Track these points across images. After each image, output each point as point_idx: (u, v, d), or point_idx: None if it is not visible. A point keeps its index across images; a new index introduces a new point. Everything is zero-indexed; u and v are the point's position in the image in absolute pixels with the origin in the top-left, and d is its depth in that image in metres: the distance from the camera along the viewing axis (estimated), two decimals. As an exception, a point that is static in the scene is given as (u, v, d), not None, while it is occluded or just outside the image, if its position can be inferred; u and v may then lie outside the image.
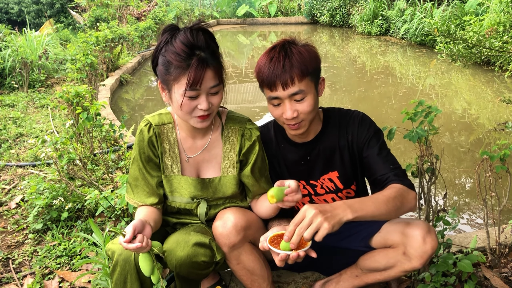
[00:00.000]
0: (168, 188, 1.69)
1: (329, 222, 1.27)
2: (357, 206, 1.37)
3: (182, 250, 1.53)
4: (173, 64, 1.44)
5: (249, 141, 1.67)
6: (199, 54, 1.44)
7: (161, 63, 1.49)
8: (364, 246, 1.72)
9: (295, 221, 1.30)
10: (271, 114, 1.64)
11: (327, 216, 1.28)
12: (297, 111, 1.56)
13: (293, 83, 1.52)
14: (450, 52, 4.30)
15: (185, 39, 1.44)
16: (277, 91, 1.54)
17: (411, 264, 1.54)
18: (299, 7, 15.59)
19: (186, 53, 1.43)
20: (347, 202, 1.37)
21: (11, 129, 4.51)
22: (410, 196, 1.54)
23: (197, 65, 1.42)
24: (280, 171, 1.79)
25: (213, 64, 1.46)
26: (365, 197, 1.48)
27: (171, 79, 1.47)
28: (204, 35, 1.48)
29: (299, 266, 1.98)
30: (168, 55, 1.45)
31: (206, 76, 1.45)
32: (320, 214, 1.28)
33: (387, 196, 1.47)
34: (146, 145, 1.65)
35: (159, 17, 10.71)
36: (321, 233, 1.26)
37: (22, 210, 2.86)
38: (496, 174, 1.81)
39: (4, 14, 15.21)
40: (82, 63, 5.11)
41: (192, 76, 1.42)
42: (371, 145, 1.65)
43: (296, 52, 1.55)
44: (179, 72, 1.44)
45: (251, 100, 6.31)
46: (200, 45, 1.45)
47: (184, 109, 1.49)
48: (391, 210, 1.46)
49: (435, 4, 9.52)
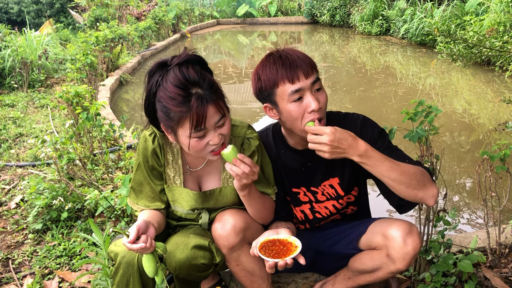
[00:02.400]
0: (170, 198, 1.68)
1: (330, 155, 1.44)
2: (373, 159, 1.45)
3: (181, 253, 1.53)
4: (172, 110, 1.38)
5: (248, 151, 1.64)
6: (196, 91, 1.37)
7: (159, 110, 1.42)
8: (352, 248, 1.72)
9: (315, 128, 1.45)
10: (291, 115, 1.53)
11: (332, 150, 1.42)
12: (319, 102, 1.51)
13: (312, 71, 1.52)
14: (450, 52, 4.29)
15: (176, 79, 1.37)
16: (299, 82, 1.49)
17: (395, 266, 1.54)
18: (299, 7, 15.58)
19: (182, 96, 1.36)
20: (368, 151, 1.45)
21: (11, 129, 4.50)
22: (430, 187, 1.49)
23: (197, 105, 1.35)
24: (280, 178, 1.77)
25: (213, 99, 1.39)
26: (389, 158, 1.47)
27: (174, 124, 1.41)
28: (195, 68, 1.41)
29: (298, 268, 1.98)
30: (165, 102, 1.38)
31: (209, 113, 1.38)
32: (328, 147, 1.42)
33: (408, 170, 1.46)
34: (150, 154, 1.63)
35: (159, 17, 10.70)
36: (318, 153, 1.46)
37: (22, 210, 2.86)
38: (496, 174, 1.81)
39: (4, 14, 15.20)
40: (82, 63, 5.11)
41: (195, 118, 1.36)
42: (378, 146, 1.59)
43: (296, 50, 1.57)
44: (180, 116, 1.37)
45: (251, 100, 6.30)
46: (194, 81, 1.38)
47: (194, 149, 1.45)
48: (401, 182, 1.44)
49: (435, 4, 9.51)
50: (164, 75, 1.40)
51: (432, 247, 1.81)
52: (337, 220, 1.86)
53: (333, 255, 1.81)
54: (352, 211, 1.83)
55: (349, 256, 1.75)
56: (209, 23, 15.26)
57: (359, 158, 1.44)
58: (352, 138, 1.43)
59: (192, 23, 14.60)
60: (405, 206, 1.61)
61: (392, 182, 1.45)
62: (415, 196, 1.48)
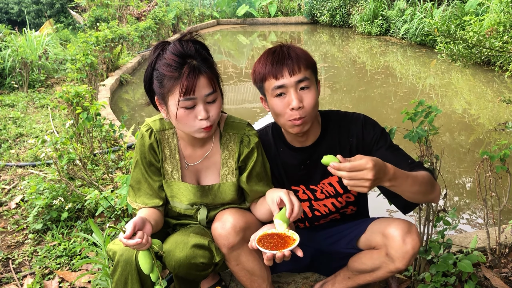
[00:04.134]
0: (169, 193, 1.69)
1: (368, 189, 1.27)
2: (399, 180, 1.33)
3: (181, 252, 1.53)
4: (166, 75, 1.43)
5: (247, 148, 1.65)
6: (191, 62, 1.43)
7: (155, 78, 1.48)
8: (352, 247, 1.73)
9: (354, 165, 1.24)
10: (273, 109, 1.58)
11: (373, 183, 1.26)
12: (302, 102, 1.52)
13: (299, 69, 1.52)
14: (450, 52, 4.30)
15: (175, 49, 1.44)
16: (283, 78, 1.52)
17: (395, 265, 1.54)
18: (299, 7, 15.59)
19: (177, 63, 1.42)
20: (396, 173, 1.32)
21: (11, 129, 4.51)
22: (437, 188, 1.53)
23: (189, 72, 1.41)
24: (279, 175, 1.77)
25: (206, 71, 1.44)
26: (407, 172, 1.40)
27: (165, 91, 1.45)
28: (195, 45, 1.47)
29: (297, 268, 1.99)
30: (161, 68, 1.45)
31: (200, 84, 1.43)
32: (370, 182, 1.24)
33: (423, 177, 1.45)
34: (147, 150, 1.64)
35: (159, 17, 10.70)
36: (356, 189, 1.27)
37: (22, 210, 2.86)
38: (496, 174, 1.81)
39: (4, 14, 15.21)
40: (82, 63, 5.11)
41: (185, 84, 1.40)
42: (380, 146, 1.61)
43: (297, 47, 1.58)
44: (172, 83, 1.43)
45: (251, 100, 6.31)
46: (191, 53, 1.44)
47: (182, 121, 1.47)
48: (421, 191, 1.43)
49: (435, 4, 9.51)
50: (166, 47, 1.47)
51: (432, 247, 1.81)
52: (336, 220, 1.86)
53: (333, 254, 1.81)
54: (351, 212, 1.83)
55: (348, 255, 1.75)
56: (209, 23, 15.26)
57: (389, 182, 1.32)
58: (383, 164, 1.31)
59: (192, 23, 14.60)
60: (411, 207, 1.63)
61: (413, 194, 1.44)
62: (427, 199, 1.52)
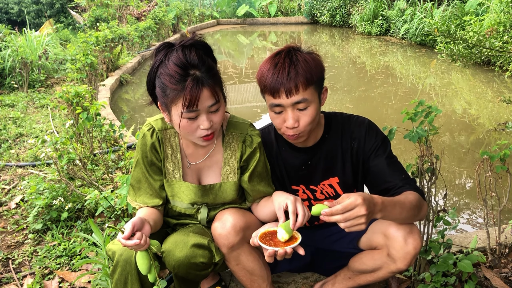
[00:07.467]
0: (170, 193, 1.69)
1: (365, 225, 1.26)
2: (388, 208, 1.35)
3: (180, 251, 1.53)
4: (169, 87, 1.41)
5: (250, 147, 1.65)
6: (194, 73, 1.40)
7: (158, 86, 1.46)
8: (352, 247, 1.73)
9: (345, 205, 1.24)
10: (273, 121, 1.60)
11: (368, 218, 1.26)
12: (298, 121, 1.52)
13: (297, 91, 1.48)
14: (450, 52, 4.30)
15: (177, 59, 1.41)
16: (280, 99, 1.50)
17: (396, 265, 1.55)
18: (299, 7, 15.58)
19: (179, 75, 1.39)
20: (384, 202, 1.34)
21: (11, 129, 4.50)
22: (424, 207, 1.56)
23: (192, 85, 1.38)
24: (280, 175, 1.77)
25: (209, 83, 1.41)
26: (394, 199, 1.42)
27: (168, 101, 1.44)
28: (198, 52, 1.44)
29: (297, 268, 1.98)
30: (163, 78, 1.42)
31: (203, 96, 1.41)
32: (365, 217, 1.25)
33: (410, 203, 1.46)
34: (148, 149, 1.64)
35: (159, 17, 10.70)
36: (354, 229, 1.26)
37: (22, 210, 2.86)
38: (496, 174, 1.81)
39: (4, 14, 15.20)
40: (82, 63, 5.10)
41: (188, 98, 1.39)
42: (379, 154, 1.62)
43: (301, 60, 1.50)
44: (175, 95, 1.41)
45: (251, 100, 6.31)
46: (194, 63, 1.41)
47: (184, 130, 1.47)
48: (409, 217, 1.47)
49: (435, 4, 9.51)
50: (168, 54, 1.44)
51: (432, 247, 1.81)
52: None
53: (333, 254, 1.81)
54: None
55: (349, 255, 1.75)
56: (209, 23, 15.26)
57: (380, 213, 1.33)
58: (370, 197, 1.30)
59: (192, 23, 14.60)
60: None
61: (401, 220, 1.48)
62: (414, 220, 1.55)
